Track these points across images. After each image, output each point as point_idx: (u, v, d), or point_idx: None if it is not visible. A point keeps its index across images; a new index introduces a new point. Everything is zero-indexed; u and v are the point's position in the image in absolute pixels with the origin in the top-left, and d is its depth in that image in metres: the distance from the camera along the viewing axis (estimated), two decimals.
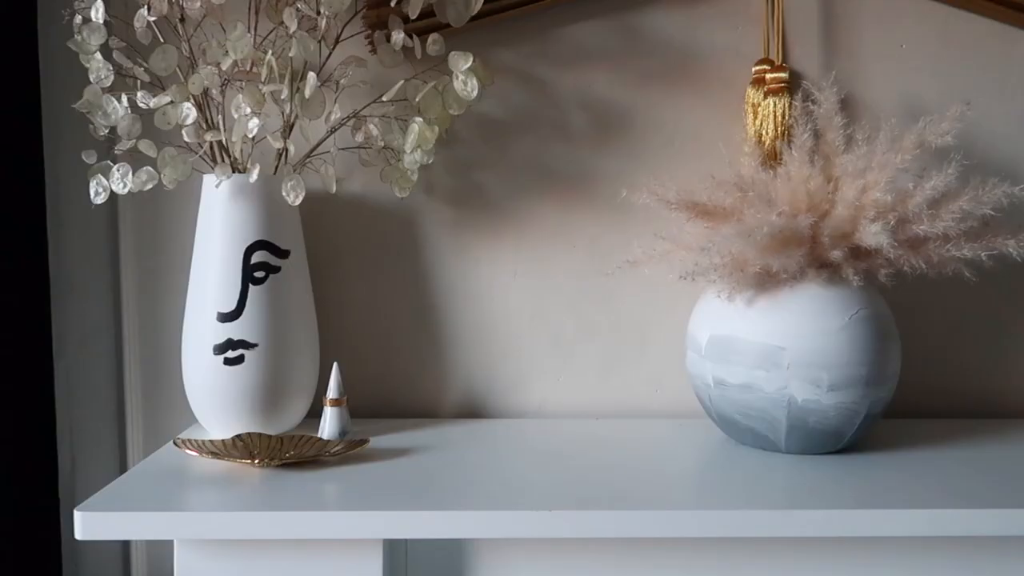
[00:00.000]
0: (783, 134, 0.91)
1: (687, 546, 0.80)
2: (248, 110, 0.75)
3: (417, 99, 0.87)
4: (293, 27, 0.75)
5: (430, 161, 0.88)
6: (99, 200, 0.83)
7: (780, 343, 0.79)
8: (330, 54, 0.88)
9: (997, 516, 0.72)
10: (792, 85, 0.94)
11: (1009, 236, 0.80)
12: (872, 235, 0.76)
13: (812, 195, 0.81)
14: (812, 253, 0.80)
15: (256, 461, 0.77)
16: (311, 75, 0.76)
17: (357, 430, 0.92)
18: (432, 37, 0.86)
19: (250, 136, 0.78)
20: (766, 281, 0.80)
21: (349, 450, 0.81)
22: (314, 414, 0.91)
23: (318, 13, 0.79)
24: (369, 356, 0.99)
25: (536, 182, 0.99)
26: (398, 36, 0.85)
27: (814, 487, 0.76)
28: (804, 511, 0.71)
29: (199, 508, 0.72)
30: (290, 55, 0.75)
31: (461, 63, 0.84)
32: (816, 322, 0.78)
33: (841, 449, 0.84)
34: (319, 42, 0.81)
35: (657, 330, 1.00)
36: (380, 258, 0.99)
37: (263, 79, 0.75)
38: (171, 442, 0.84)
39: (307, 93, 0.76)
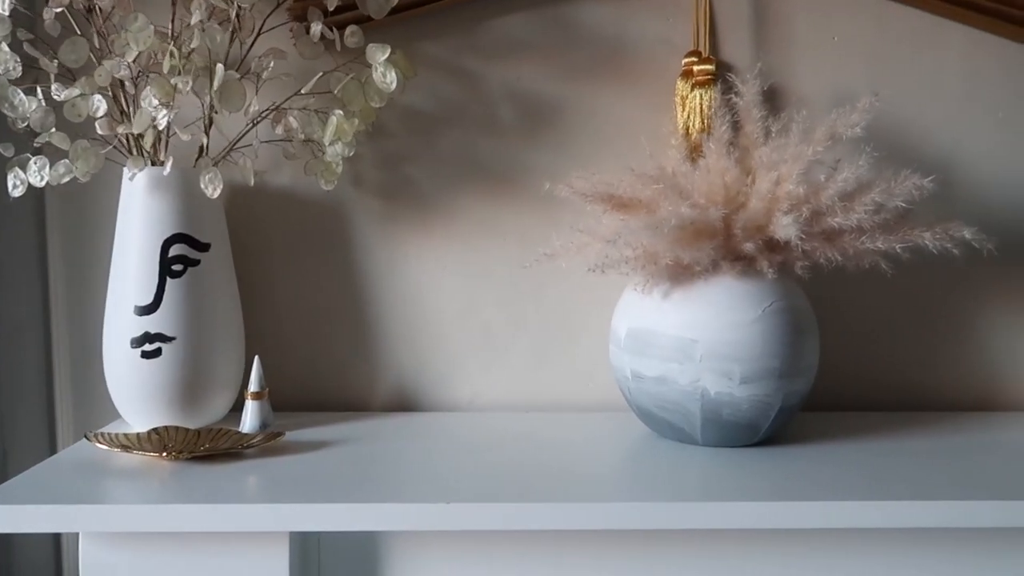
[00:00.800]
0: (709, 127, 0.90)
1: (597, 538, 0.80)
2: (156, 102, 0.75)
3: (338, 91, 0.87)
4: (195, 19, 0.75)
5: (351, 153, 0.87)
6: (16, 193, 0.83)
7: (693, 336, 0.78)
8: (251, 46, 0.88)
9: (909, 508, 0.72)
10: (719, 77, 0.94)
11: (925, 228, 0.80)
12: (782, 227, 0.76)
13: (729, 188, 0.81)
14: (726, 246, 0.79)
15: (165, 454, 0.77)
16: (219, 67, 0.76)
17: (281, 423, 0.92)
18: (350, 29, 0.85)
19: (159, 128, 0.77)
20: (680, 274, 0.80)
21: (262, 443, 0.81)
22: (241, 407, 0.91)
23: (228, 3, 0.79)
24: (299, 350, 0.99)
25: (465, 175, 0.98)
26: (316, 28, 0.85)
27: (725, 480, 0.76)
28: (715, 503, 0.71)
29: (105, 501, 0.72)
30: (192, 47, 0.75)
31: (379, 55, 0.84)
32: (729, 315, 0.78)
33: (760, 442, 0.84)
34: (230, 33, 0.80)
35: (588, 323, 0.99)
36: (309, 251, 0.99)
37: (165, 71, 0.75)
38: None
39: (215, 85, 0.76)
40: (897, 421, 0.95)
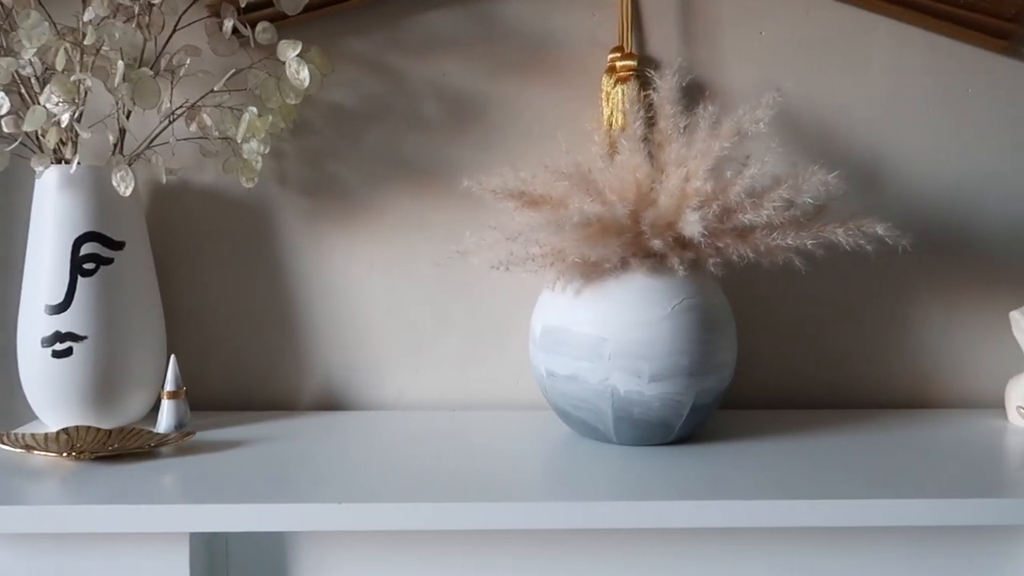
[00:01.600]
0: (627, 123, 0.90)
1: (512, 538, 0.79)
2: (56, 100, 0.74)
3: (255, 88, 0.87)
4: (87, 16, 0.74)
5: (266, 150, 0.87)
6: None
7: (602, 334, 0.78)
8: (167, 42, 0.87)
9: (820, 507, 0.72)
10: (641, 73, 0.93)
11: (839, 225, 0.79)
12: (689, 225, 0.75)
13: (640, 184, 0.80)
14: (636, 243, 0.79)
15: (65, 454, 0.76)
16: (120, 63, 0.75)
17: (205, 423, 0.91)
18: (262, 25, 0.85)
19: (63, 126, 0.76)
20: (592, 271, 0.79)
21: (169, 442, 0.81)
22: None
23: (133, 0, 0.78)
24: (224, 349, 0.99)
25: (391, 172, 0.98)
26: (228, 24, 0.84)
27: (637, 479, 0.75)
28: (623, 503, 0.70)
29: (4, 502, 0.71)
30: (86, 44, 0.74)
31: (290, 51, 0.83)
32: (638, 313, 0.78)
33: (676, 440, 0.84)
34: (137, 29, 0.80)
35: (515, 321, 0.99)
36: (234, 249, 0.98)
37: (60, 68, 0.74)
38: None
39: (116, 81, 0.75)
40: (821, 419, 0.94)
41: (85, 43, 0.74)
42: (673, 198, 0.78)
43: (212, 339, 0.98)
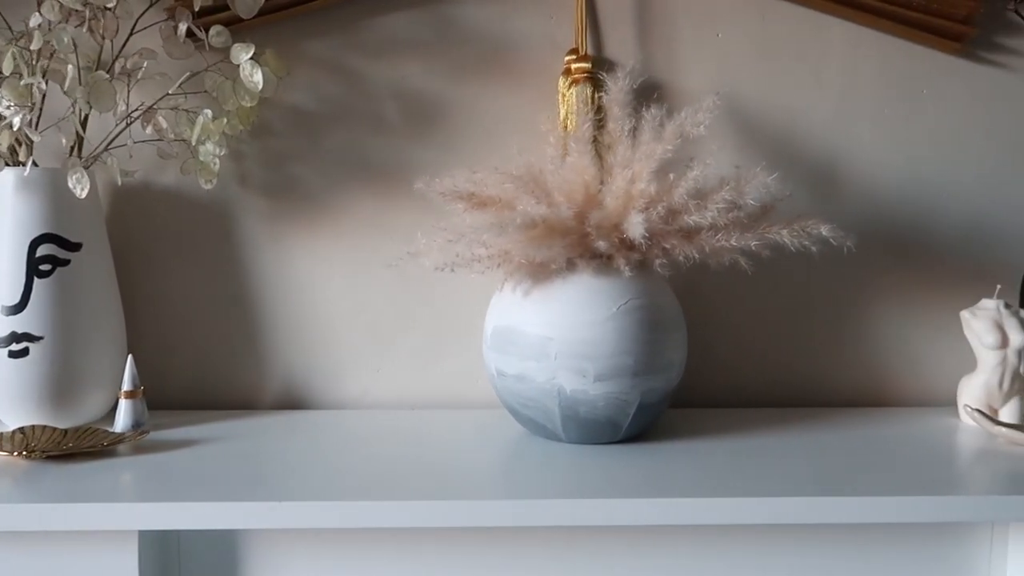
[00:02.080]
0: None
1: (465, 536, 0.81)
2: (7, 103, 0.75)
3: (212, 91, 0.88)
4: (34, 21, 0.75)
5: (222, 152, 0.88)
6: None
7: (549, 334, 0.79)
8: (123, 46, 0.88)
9: (765, 504, 0.73)
10: (596, 74, 0.94)
11: (783, 226, 0.80)
12: (632, 226, 0.76)
13: (588, 186, 0.81)
14: (583, 244, 0.80)
15: (17, 453, 0.77)
16: (69, 67, 0.76)
17: (165, 422, 0.92)
18: (215, 29, 0.85)
19: (14, 129, 0.77)
20: (538, 272, 0.80)
21: (122, 441, 0.82)
22: None
23: (85, 4, 0.79)
24: (186, 349, 1.00)
25: (352, 173, 0.99)
26: (183, 27, 0.85)
27: (581, 477, 0.76)
28: (566, 500, 0.72)
29: None
30: (31, 48, 0.75)
31: (242, 55, 0.84)
32: (583, 313, 0.79)
33: (626, 438, 0.85)
34: (89, 33, 0.80)
35: (476, 321, 0.99)
36: (195, 250, 0.99)
37: (7, 73, 0.75)
38: None
39: (66, 84, 0.76)
40: (774, 417, 0.95)
41: (32, 48, 0.75)
42: (618, 200, 0.79)
43: (173, 339, 0.99)
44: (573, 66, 0.94)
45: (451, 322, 1.00)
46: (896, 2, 0.96)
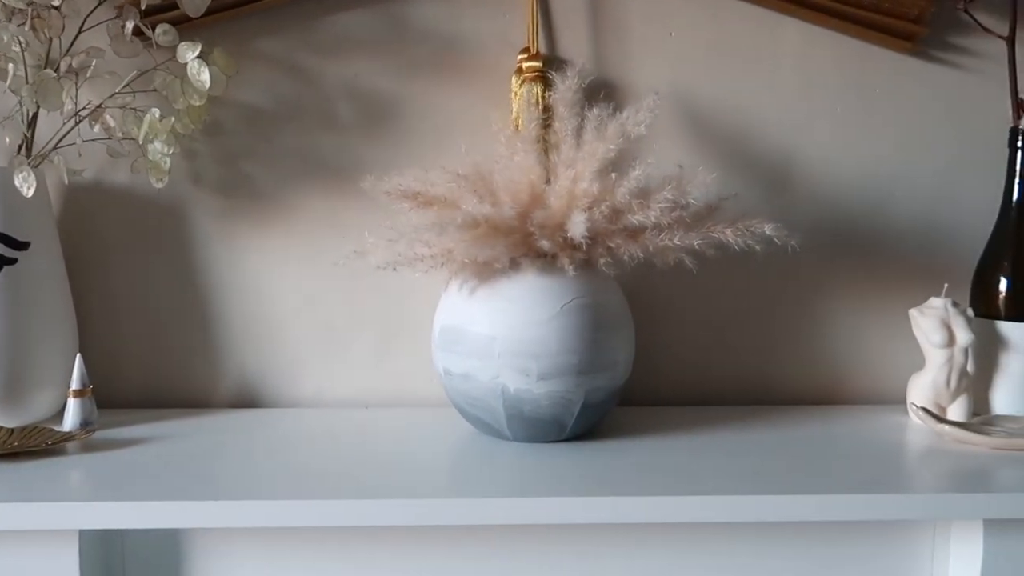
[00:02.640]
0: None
1: (409, 535, 0.81)
2: None
3: (163, 90, 0.88)
4: None
5: (171, 151, 0.87)
6: None
7: (492, 332, 0.79)
8: (72, 44, 0.88)
9: (711, 503, 0.73)
10: (546, 73, 0.94)
11: (727, 225, 0.81)
12: (574, 225, 0.76)
13: (533, 185, 0.81)
14: (528, 244, 0.80)
15: None
16: (10, 65, 0.76)
17: (116, 421, 0.92)
18: (162, 27, 0.85)
19: None
20: (484, 272, 0.80)
21: (68, 439, 0.82)
22: None
23: (29, 3, 0.79)
24: (139, 347, 0.99)
25: (305, 172, 0.99)
26: (129, 25, 0.85)
27: (523, 476, 0.77)
28: (504, 499, 0.72)
29: None
30: None
31: (188, 53, 0.84)
32: (527, 312, 0.79)
33: (573, 437, 0.85)
34: (32, 32, 0.80)
35: (430, 320, 0.99)
36: (149, 249, 0.99)
37: None
38: None
39: (7, 83, 0.76)
40: (726, 415, 0.96)
41: None
42: (562, 199, 0.79)
43: (126, 338, 0.99)
44: (524, 65, 0.94)
45: (405, 320, 1.00)
46: (848, 1, 0.96)
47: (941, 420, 0.86)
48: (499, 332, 0.79)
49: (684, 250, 0.80)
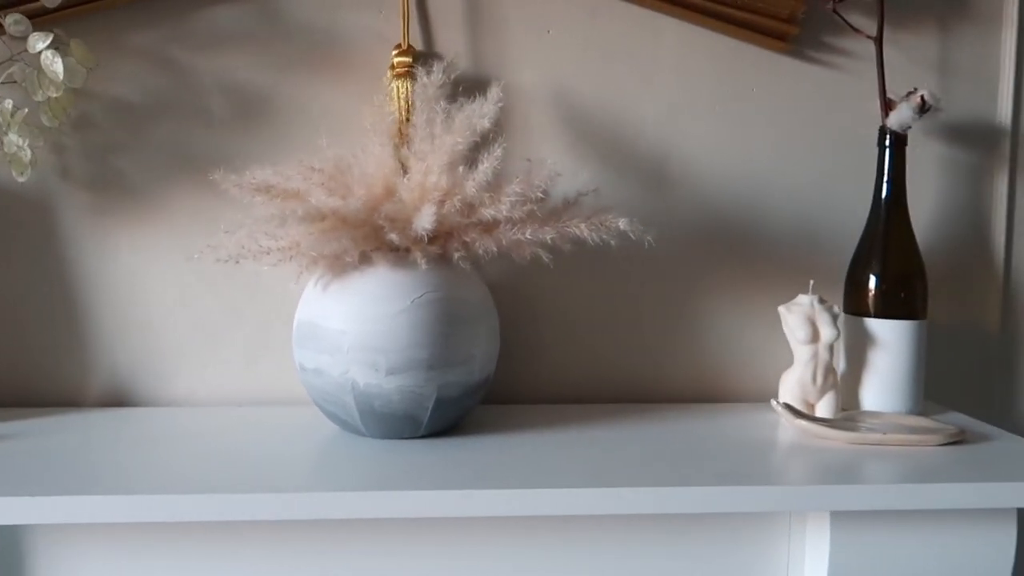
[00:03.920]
0: (403, 118, 0.91)
1: (232, 528, 0.80)
2: None
3: (22, 81, 0.86)
4: None
5: (25, 143, 0.86)
6: None
7: (342, 327, 0.78)
8: None
9: (553, 496, 0.72)
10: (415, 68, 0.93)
11: (582, 220, 0.81)
12: (421, 219, 0.76)
13: (387, 179, 0.81)
14: (380, 237, 0.79)
15: None
16: None
17: None
18: (14, 17, 0.84)
19: None
20: (336, 266, 0.80)
21: None
22: None
23: None
24: (6, 345, 0.97)
25: (178, 167, 0.97)
26: None
27: (372, 471, 0.76)
28: (350, 493, 0.71)
29: None
30: None
31: (39, 43, 0.83)
32: (377, 306, 0.78)
33: (432, 433, 0.84)
34: None
35: None
36: (13, 244, 0.96)
37: None
38: None
39: None
40: (598, 413, 0.95)
41: None
42: (414, 193, 0.79)
43: None
44: (395, 60, 0.93)
45: (279, 318, 0.99)
46: (723, 1, 0.97)
47: (799, 415, 0.86)
48: (348, 326, 0.78)
49: (538, 244, 0.80)
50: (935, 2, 1.02)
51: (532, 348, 1.00)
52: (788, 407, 0.87)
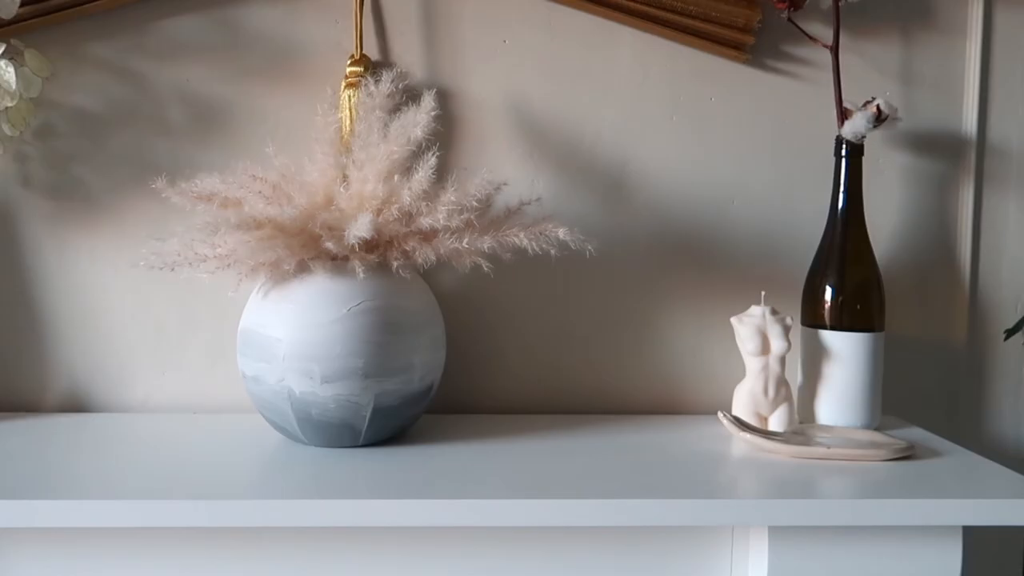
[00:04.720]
0: (350, 128, 0.91)
1: (185, 535, 0.80)
2: None
3: None
4: None
5: None
6: None
7: (278, 335, 0.79)
8: None
9: (491, 507, 0.72)
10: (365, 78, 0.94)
11: (521, 229, 0.80)
12: (356, 227, 0.76)
13: (327, 188, 0.81)
14: (318, 245, 0.79)
15: None
16: None
17: None
18: None
19: None
20: (274, 274, 0.80)
21: None
22: None
23: None
24: None
25: (137, 176, 0.98)
26: None
27: (313, 479, 0.76)
28: (281, 501, 0.72)
29: None
30: None
31: None
32: (313, 314, 0.78)
33: (373, 442, 0.84)
34: None
35: None
36: None
37: None
38: None
39: None
40: (551, 423, 0.95)
41: None
42: (352, 201, 0.79)
43: None
44: (348, 70, 0.94)
45: (236, 324, 0.98)
46: (678, 11, 0.96)
47: (745, 428, 0.85)
48: (284, 334, 0.78)
49: (476, 253, 0.80)
50: (899, 11, 1.01)
51: (486, 358, 1.00)
52: (735, 419, 0.86)
